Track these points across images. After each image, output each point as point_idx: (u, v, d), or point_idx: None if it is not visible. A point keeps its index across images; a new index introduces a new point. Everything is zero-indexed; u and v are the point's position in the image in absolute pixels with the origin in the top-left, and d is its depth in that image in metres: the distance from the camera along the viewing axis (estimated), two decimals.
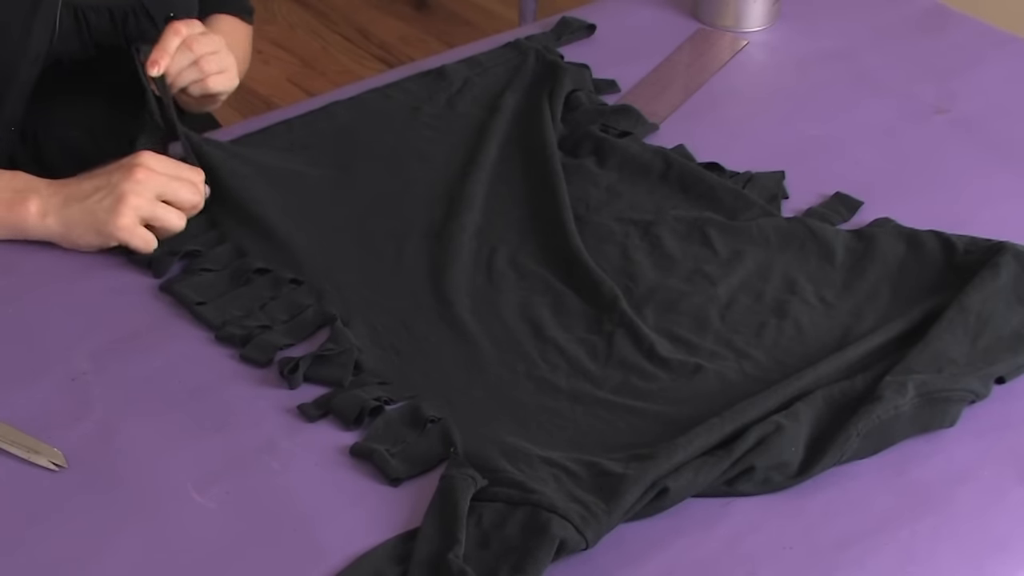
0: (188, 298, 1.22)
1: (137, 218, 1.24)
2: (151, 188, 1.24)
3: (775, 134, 1.48)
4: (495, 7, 3.28)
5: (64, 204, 1.25)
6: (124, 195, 1.23)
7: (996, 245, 1.25)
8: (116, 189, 1.24)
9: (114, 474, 1.07)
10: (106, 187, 1.25)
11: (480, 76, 1.53)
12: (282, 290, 1.23)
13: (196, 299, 1.22)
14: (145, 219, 1.24)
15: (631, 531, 1.03)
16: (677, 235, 1.30)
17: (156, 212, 1.25)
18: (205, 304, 1.22)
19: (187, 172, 1.28)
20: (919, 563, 1.02)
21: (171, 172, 1.27)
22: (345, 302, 1.22)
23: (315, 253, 1.27)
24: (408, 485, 1.07)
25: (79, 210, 1.25)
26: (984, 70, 1.59)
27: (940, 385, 1.12)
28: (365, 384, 1.14)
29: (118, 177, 1.25)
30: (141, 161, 1.25)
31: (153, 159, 1.26)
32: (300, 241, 1.28)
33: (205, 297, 1.23)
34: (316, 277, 1.25)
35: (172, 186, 1.26)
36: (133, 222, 1.24)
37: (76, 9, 1.38)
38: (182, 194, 1.26)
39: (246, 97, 2.88)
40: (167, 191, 1.25)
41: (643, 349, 1.18)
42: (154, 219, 1.25)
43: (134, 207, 1.24)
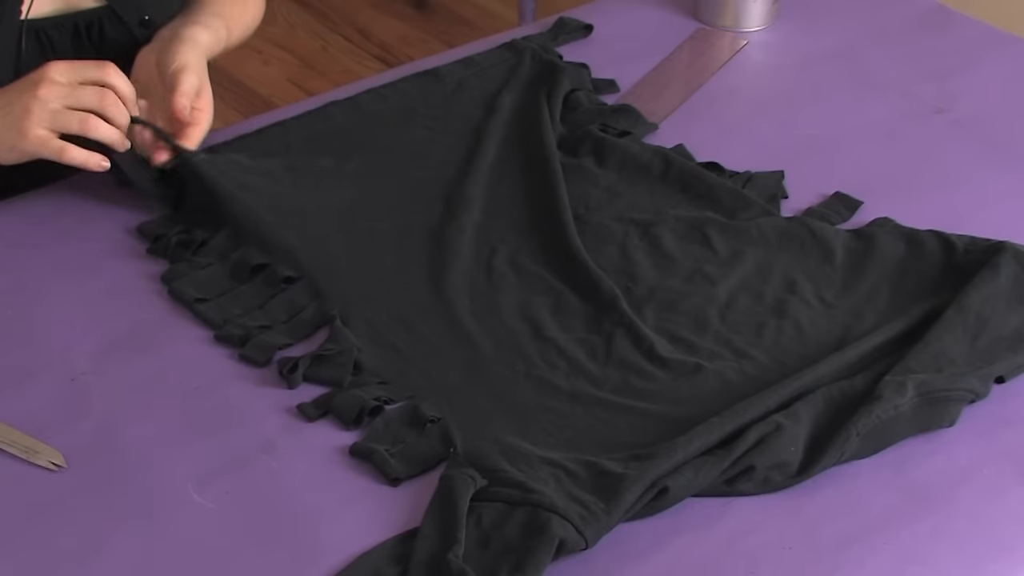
0: (187, 295, 1.22)
1: (48, 130, 1.24)
2: (58, 100, 1.24)
3: (775, 134, 1.48)
4: (495, 7, 3.28)
5: None
6: (28, 111, 1.23)
7: (996, 245, 1.25)
8: (20, 105, 1.24)
9: (114, 474, 1.07)
10: (10, 104, 1.25)
11: (476, 76, 1.53)
12: (281, 287, 1.23)
13: (196, 296, 1.22)
14: (58, 129, 1.24)
15: (631, 531, 1.03)
16: (677, 235, 1.30)
17: (71, 124, 1.24)
18: (205, 302, 1.22)
19: (94, 71, 1.26)
20: (919, 563, 1.02)
21: (78, 78, 1.25)
22: (344, 301, 1.22)
23: (312, 254, 1.27)
24: (408, 485, 1.07)
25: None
26: (984, 70, 1.59)
27: (940, 385, 1.12)
28: (365, 384, 1.14)
29: (21, 93, 1.24)
30: (46, 75, 1.24)
31: (57, 70, 1.25)
32: (297, 242, 1.28)
33: (205, 294, 1.23)
34: (314, 277, 1.25)
35: (80, 94, 1.25)
36: (46, 136, 1.24)
37: (38, 32, 1.36)
38: (93, 101, 1.25)
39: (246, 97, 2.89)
40: (78, 101, 1.24)
41: (643, 349, 1.18)
42: (61, 128, 1.24)
43: (41, 121, 1.23)
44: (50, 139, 1.24)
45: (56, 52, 1.37)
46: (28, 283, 1.25)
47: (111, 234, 1.31)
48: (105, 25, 1.40)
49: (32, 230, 1.31)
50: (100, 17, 1.39)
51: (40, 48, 1.37)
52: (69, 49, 1.38)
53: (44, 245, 1.29)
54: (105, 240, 1.30)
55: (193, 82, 1.32)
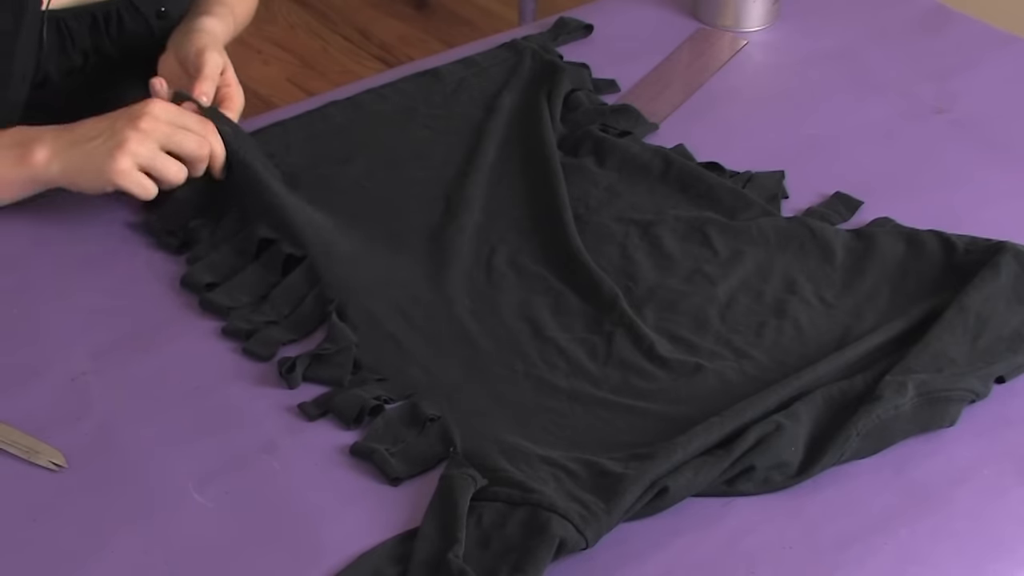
0: (199, 281, 1.23)
1: (135, 164, 1.23)
2: (154, 136, 1.23)
3: (775, 134, 1.48)
4: (495, 7, 3.29)
5: (68, 147, 1.24)
6: (125, 140, 1.22)
7: (996, 245, 1.25)
8: (118, 134, 1.23)
9: (114, 474, 1.07)
10: (109, 131, 1.24)
11: (476, 76, 1.53)
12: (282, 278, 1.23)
13: (206, 280, 1.23)
14: (144, 167, 1.23)
15: (631, 530, 1.03)
16: (677, 235, 1.30)
17: (156, 161, 1.23)
18: (214, 288, 1.22)
19: (195, 123, 1.26)
20: (919, 563, 1.02)
21: (177, 121, 1.25)
22: (344, 300, 1.22)
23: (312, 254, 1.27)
24: (408, 485, 1.07)
25: (80, 152, 1.24)
26: (984, 70, 1.59)
27: (940, 385, 1.12)
28: (364, 382, 1.14)
29: (122, 123, 1.24)
30: (148, 109, 1.24)
31: (160, 107, 1.25)
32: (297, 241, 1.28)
33: (214, 277, 1.23)
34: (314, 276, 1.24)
35: (176, 136, 1.24)
36: (131, 167, 1.22)
37: (58, 21, 1.37)
38: (186, 145, 1.25)
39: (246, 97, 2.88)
40: (171, 142, 1.24)
41: (643, 349, 1.18)
42: (153, 168, 1.23)
43: (132, 153, 1.22)
44: (133, 171, 1.23)
45: (75, 42, 1.39)
46: (28, 283, 1.25)
47: (111, 234, 1.31)
48: (123, 16, 1.42)
49: (33, 230, 1.31)
50: (118, 8, 1.41)
51: (60, 38, 1.38)
52: (87, 39, 1.40)
53: (45, 245, 1.29)
54: (106, 240, 1.30)
55: (216, 61, 1.34)
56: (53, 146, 1.25)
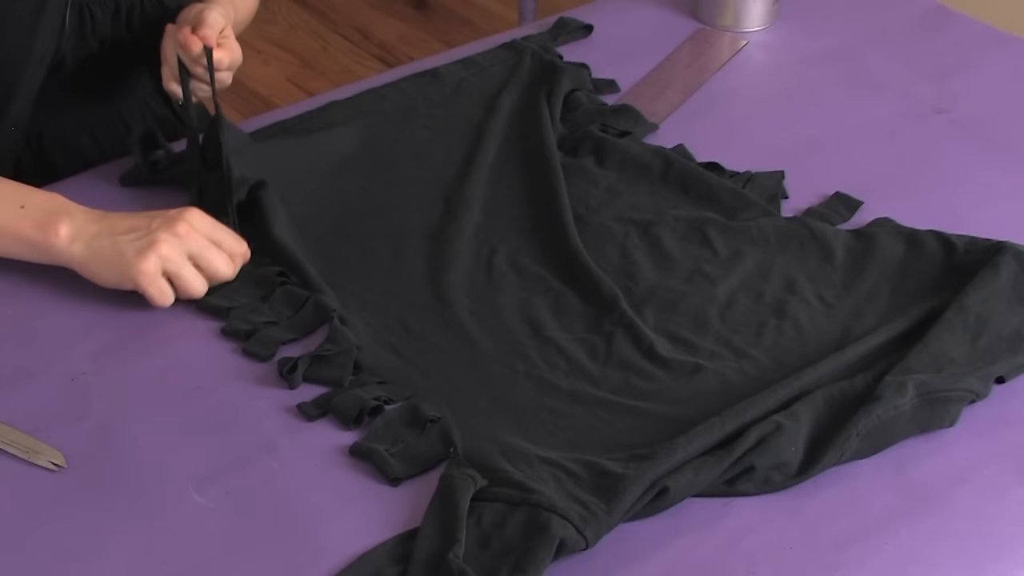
0: None
1: (161, 268, 1.20)
2: (187, 245, 1.21)
3: (775, 134, 1.48)
4: (495, 7, 3.28)
5: (96, 235, 1.21)
6: (157, 242, 1.19)
7: (996, 245, 1.25)
8: (151, 235, 1.20)
9: (114, 474, 1.07)
10: (143, 229, 1.21)
11: (476, 76, 1.53)
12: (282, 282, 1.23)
13: None
14: (169, 273, 1.20)
15: (631, 531, 1.03)
16: (677, 235, 1.30)
17: (182, 271, 1.20)
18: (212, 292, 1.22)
19: (230, 241, 1.24)
20: (919, 563, 1.02)
21: (213, 237, 1.23)
22: (343, 301, 1.22)
23: (311, 256, 1.27)
24: (408, 485, 1.07)
25: (109, 244, 1.21)
26: (984, 70, 1.59)
27: (940, 385, 1.12)
28: (365, 384, 1.14)
29: (158, 224, 1.21)
30: (187, 217, 1.21)
31: (199, 218, 1.22)
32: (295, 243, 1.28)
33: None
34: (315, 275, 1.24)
35: (209, 252, 1.22)
36: (156, 270, 1.19)
37: (82, 7, 1.37)
38: (216, 263, 1.22)
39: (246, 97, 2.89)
40: (202, 255, 1.21)
41: (643, 349, 1.18)
42: (178, 277, 1.20)
43: (162, 257, 1.19)
44: (157, 275, 1.20)
45: (96, 29, 1.39)
46: (28, 283, 1.25)
47: None
48: (145, 5, 1.41)
49: None
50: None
51: (81, 24, 1.38)
52: (109, 27, 1.40)
53: None
54: None
55: (217, 18, 1.32)
56: (82, 230, 1.22)
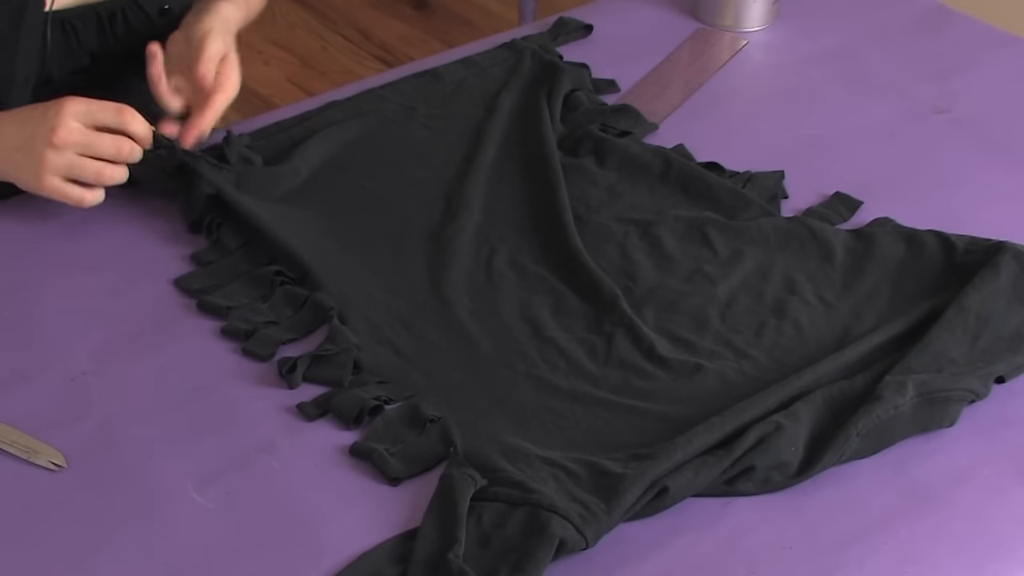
0: (193, 288, 1.23)
1: (60, 178, 1.24)
2: (72, 149, 1.24)
3: (775, 134, 1.48)
4: (495, 7, 3.28)
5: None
6: (43, 158, 1.24)
7: (996, 245, 1.25)
8: (35, 150, 1.24)
9: (114, 474, 1.07)
10: (27, 147, 1.25)
11: (476, 76, 1.53)
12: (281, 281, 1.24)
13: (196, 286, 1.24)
14: (72, 178, 1.25)
15: (631, 530, 1.03)
16: (677, 235, 1.30)
17: (74, 171, 1.25)
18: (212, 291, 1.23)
19: (111, 116, 1.26)
20: (919, 563, 1.02)
21: (94, 120, 1.25)
22: (343, 301, 1.22)
23: (311, 254, 1.27)
24: (407, 485, 1.07)
25: (6, 162, 1.26)
26: (984, 70, 1.59)
27: (940, 385, 1.12)
28: (364, 383, 1.14)
29: (38, 135, 1.24)
30: (59, 121, 1.24)
31: (72, 113, 1.24)
32: (297, 241, 1.28)
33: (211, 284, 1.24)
34: (314, 276, 1.24)
35: (92, 144, 1.25)
36: (57, 182, 1.25)
37: (63, 22, 1.37)
38: (103, 150, 1.25)
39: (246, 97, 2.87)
40: (88, 150, 1.25)
41: (643, 349, 1.18)
42: (75, 177, 1.25)
43: (52, 169, 1.24)
44: (63, 186, 1.26)
45: (80, 42, 1.39)
46: (28, 283, 1.25)
47: (111, 234, 1.31)
48: (128, 15, 1.42)
49: (32, 230, 1.31)
50: (122, 7, 1.41)
51: (65, 38, 1.38)
52: (93, 39, 1.40)
53: (44, 245, 1.29)
54: (105, 240, 1.30)
55: (218, 46, 1.34)
56: None
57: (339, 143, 1.42)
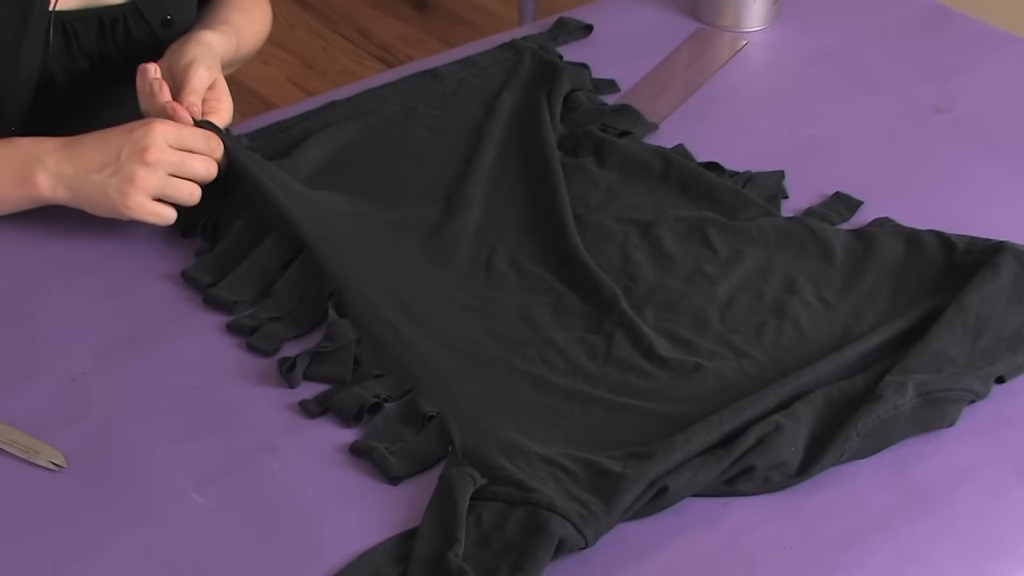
0: (200, 282, 1.24)
1: (147, 197, 1.23)
2: (162, 167, 1.23)
3: (775, 134, 1.48)
4: (495, 7, 3.28)
5: (72, 177, 1.24)
6: (133, 176, 1.23)
7: (996, 245, 1.25)
8: (125, 168, 1.23)
9: (114, 474, 1.07)
10: (115, 165, 1.23)
11: (476, 76, 1.53)
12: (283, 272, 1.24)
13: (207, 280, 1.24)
14: (157, 196, 1.24)
15: (631, 530, 1.03)
16: (677, 235, 1.30)
17: (167, 190, 1.24)
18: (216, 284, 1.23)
19: (199, 141, 1.26)
20: (919, 563, 1.02)
21: (183, 143, 1.25)
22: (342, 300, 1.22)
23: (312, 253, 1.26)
24: (407, 484, 1.07)
25: (88, 184, 1.24)
26: (984, 70, 1.59)
27: (940, 385, 1.12)
28: (364, 379, 1.14)
29: (127, 154, 1.23)
30: (152, 140, 1.23)
31: (163, 133, 1.24)
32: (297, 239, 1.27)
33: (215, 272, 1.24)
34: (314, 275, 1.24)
35: (185, 165, 1.25)
36: (143, 200, 1.23)
37: (64, 23, 1.36)
38: (195, 171, 1.25)
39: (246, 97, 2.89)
40: (179, 170, 1.24)
41: (642, 349, 1.18)
42: (166, 196, 1.24)
43: (143, 187, 1.23)
44: (150, 203, 1.24)
45: (81, 45, 1.38)
46: (28, 283, 1.25)
47: (111, 234, 1.31)
48: (129, 22, 1.41)
49: (33, 230, 1.31)
50: (124, 14, 1.41)
51: (66, 40, 1.38)
52: (94, 43, 1.40)
53: (45, 245, 1.29)
54: (106, 240, 1.30)
55: (201, 76, 1.32)
56: (57, 173, 1.25)
57: (339, 143, 1.42)
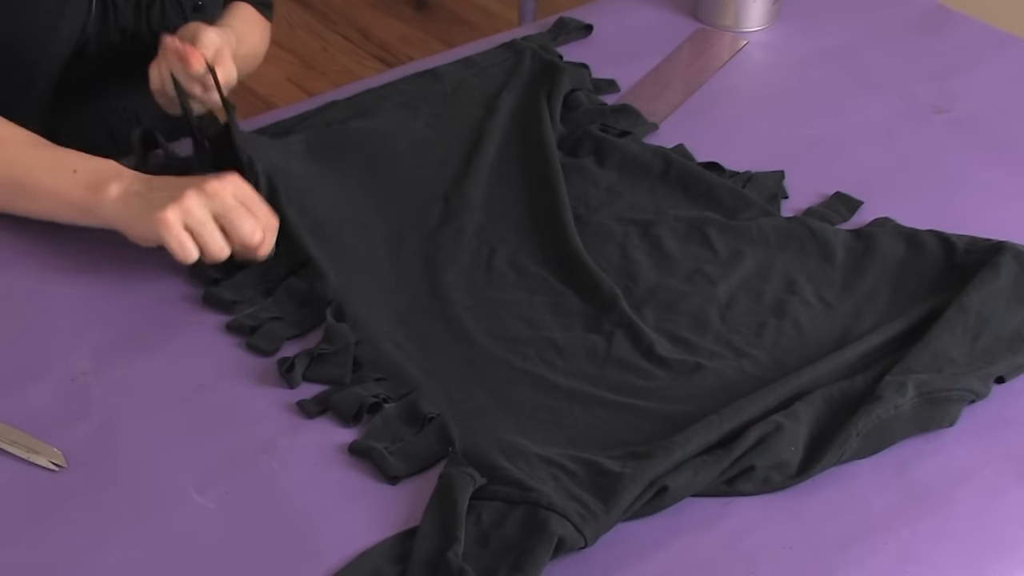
0: (206, 275, 1.24)
1: (182, 220, 1.18)
2: (214, 203, 1.19)
3: (775, 134, 1.49)
4: (495, 7, 3.29)
5: (136, 192, 1.22)
6: (183, 196, 1.19)
7: (996, 245, 1.25)
8: (181, 190, 1.20)
9: (114, 474, 1.07)
10: (178, 186, 1.20)
11: (476, 76, 1.53)
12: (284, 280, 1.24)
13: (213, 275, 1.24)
14: (191, 228, 1.19)
15: (630, 530, 1.03)
16: (677, 235, 1.30)
17: (204, 228, 1.19)
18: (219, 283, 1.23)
19: (262, 210, 1.22)
20: (919, 563, 1.02)
21: (245, 200, 1.21)
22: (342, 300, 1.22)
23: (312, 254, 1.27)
24: (407, 483, 1.07)
25: (142, 199, 1.21)
26: (984, 70, 1.59)
27: (940, 385, 1.12)
28: (364, 380, 1.14)
29: (194, 182, 1.21)
30: (224, 178, 1.21)
31: (236, 182, 1.21)
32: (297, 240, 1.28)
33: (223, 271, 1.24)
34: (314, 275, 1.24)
35: (236, 214, 1.20)
36: (176, 221, 1.18)
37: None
38: (242, 225, 1.20)
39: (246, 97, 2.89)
40: (228, 215, 1.20)
41: (642, 349, 1.18)
42: (199, 234, 1.19)
43: (185, 209, 1.18)
44: (177, 227, 1.18)
45: (118, 18, 1.41)
46: (28, 283, 1.25)
47: (111, 234, 1.30)
48: (165, 3, 1.43)
49: (33, 230, 1.31)
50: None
51: (104, 11, 1.40)
52: (130, 18, 1.42)
53: (44, 245, 1.29)
54: (105, 240, 1.30)
55: (212, 37, 1.32)
56: (128, 187, 1.22)
57: (339, 143, 1.42)
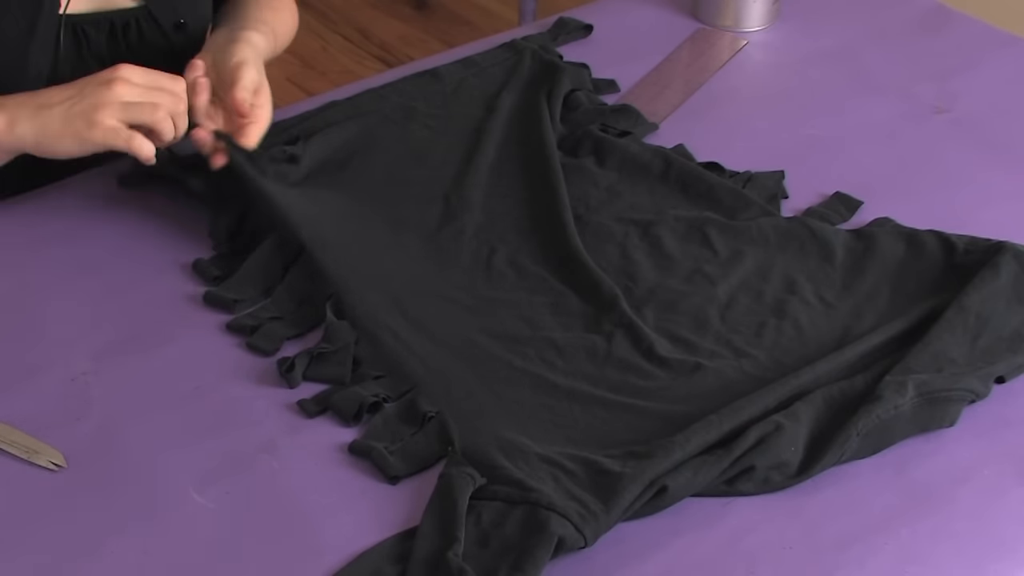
0: (209, 272, 1.24)
1: (118, 119, 1.22)
2: (127, 95, 1.22)
3: (775, 134, 1.49)
4: (495, 7, 3.29)
5: (34, 112, 1.23)
6: (101, 102, 1.21)
7: (996, 245, 1.25)
8: (90, 96, 1.22)
9: (114, 474, 1.07)
10: (78, 96, 1.22)
11: (476, 76, 1.53)
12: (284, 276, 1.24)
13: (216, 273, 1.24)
14: (126, 120, 1.22)
15: (630, 530, 1.03)
16: (677, 235, 1.30)
17: (135, 112, 1.22)
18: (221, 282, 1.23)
19: (167, 82, 1.25)
20: (919, 563, 1.02)
21: (151, 83, 1.24)
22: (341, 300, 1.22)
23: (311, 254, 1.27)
24: (407, 483, 1.07)
25: (52, 116, 1.22)
26: (984, 70, 1.59)
27: (940, 385, 1.12)
28: (364, 379, 1.14)
29: (92, 87, 1.23)
30: (119, 74, 1.23)
31: (131, 71, 1.23)
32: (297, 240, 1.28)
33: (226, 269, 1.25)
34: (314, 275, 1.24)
35: (150, 94, 1.23)
36: (114, 123, 1.22)
37: (75, 27, 1.36)
38: (161, 101, 1.24)
39: None
40: (145, 99, 1.23)
41: (642, 349, 1.18)
42: (136, 119, 1.22)
43: (112, 108, 1.21)
44: (120, 129, 1.22)
45: (91, 49, 1.38)
46: (28, 283, 1.25)
47: (111, 234, 1.31)
48: (141, 25, 1.41)
49: (32, 230, 1.31)
50: (136, 17, 1.40)
51: (77, 44, 1.37)
52: (104, 47, 1.39)
53: (45, 245, 1.29)
54: (105, 240, 1.30)
55: (253, 76, 1.33)
56: (17, 112, 1.23)
57: (339, 143, 1.42)
